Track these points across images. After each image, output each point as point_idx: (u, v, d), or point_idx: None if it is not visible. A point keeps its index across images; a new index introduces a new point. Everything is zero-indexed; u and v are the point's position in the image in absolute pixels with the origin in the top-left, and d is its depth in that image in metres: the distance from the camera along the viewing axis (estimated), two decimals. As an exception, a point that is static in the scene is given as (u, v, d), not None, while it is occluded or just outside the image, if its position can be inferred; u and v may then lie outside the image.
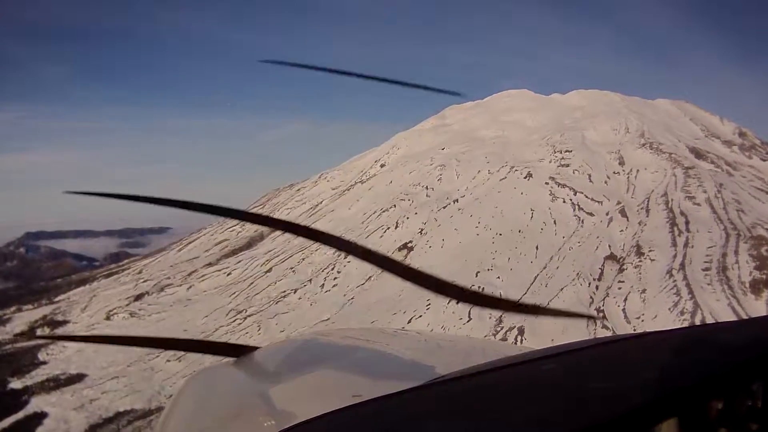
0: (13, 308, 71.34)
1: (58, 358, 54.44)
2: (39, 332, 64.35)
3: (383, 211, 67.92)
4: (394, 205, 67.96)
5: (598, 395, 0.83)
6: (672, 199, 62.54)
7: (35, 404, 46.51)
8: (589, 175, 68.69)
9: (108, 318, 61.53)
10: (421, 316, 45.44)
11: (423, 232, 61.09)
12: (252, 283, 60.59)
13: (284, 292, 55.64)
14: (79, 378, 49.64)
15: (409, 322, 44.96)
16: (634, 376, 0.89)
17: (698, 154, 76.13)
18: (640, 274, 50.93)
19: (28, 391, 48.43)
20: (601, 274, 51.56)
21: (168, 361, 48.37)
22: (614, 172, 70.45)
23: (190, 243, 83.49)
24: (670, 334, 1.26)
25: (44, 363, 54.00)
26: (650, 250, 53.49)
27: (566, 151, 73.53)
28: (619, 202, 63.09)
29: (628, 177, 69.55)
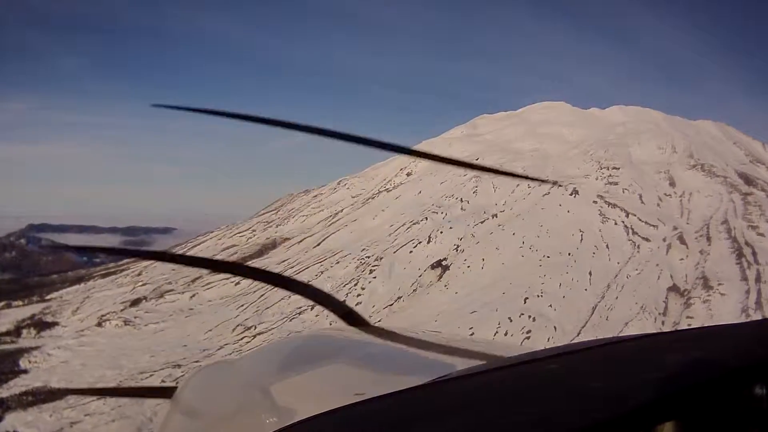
0: (1, 303, 66.80)
1: (41, 368, 49.02)
2: (25, 333, 60.37)
3: (413, 224, 61.25)
4: (426, 218, 61.30)
5: (600, 396, 0.82)
6: (734, 228, 56.28)
7: (8, 422, 41.45)
8: (640, 195, 62.46)
9: (99, 324, 55.44)
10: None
11: (459, 249, 54.45)
12: (263, 295, 54.01)
13: (300, 308, 49.00)
14: (60, 394, 43.61)
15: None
16: (636, 377, 0.88)
17: (747, 179, 70.31)
18: (710, 310, 44.64)
19: (3, 405, 43.31)
20: (666, 307, 45.19)
21: (163, 381, 41.99)
22: (666, 194, 64.44)
23: (195, 246, 77.83)
24: (673, 335, 1.26)
25: (25, 372, 48.76)
26: (719, 284, 47.16)
27: (613, 168, 67.36)
28: (675, 228, 56.82)
29: (681, 200, 63.58)
